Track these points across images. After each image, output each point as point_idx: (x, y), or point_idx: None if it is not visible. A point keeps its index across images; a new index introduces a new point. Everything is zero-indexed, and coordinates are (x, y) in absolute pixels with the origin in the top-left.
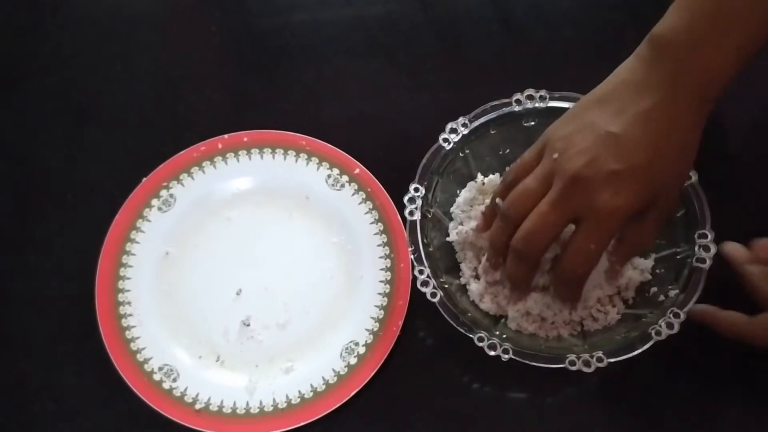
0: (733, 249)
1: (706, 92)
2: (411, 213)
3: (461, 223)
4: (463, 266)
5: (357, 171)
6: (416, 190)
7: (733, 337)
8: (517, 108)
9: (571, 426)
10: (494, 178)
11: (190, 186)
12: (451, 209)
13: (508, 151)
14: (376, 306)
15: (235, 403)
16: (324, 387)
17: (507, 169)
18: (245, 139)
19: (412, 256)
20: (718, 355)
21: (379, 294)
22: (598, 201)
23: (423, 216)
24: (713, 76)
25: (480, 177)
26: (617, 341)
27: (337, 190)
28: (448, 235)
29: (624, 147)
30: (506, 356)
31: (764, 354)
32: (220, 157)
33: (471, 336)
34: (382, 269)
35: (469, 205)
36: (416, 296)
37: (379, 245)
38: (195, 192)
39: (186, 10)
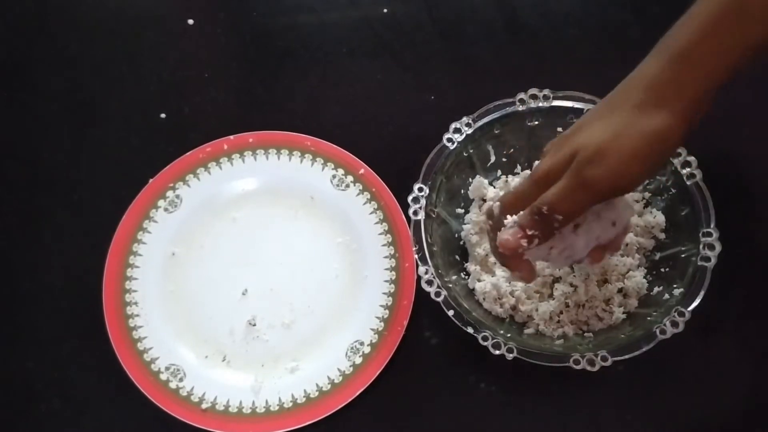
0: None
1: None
2: (415, 213)
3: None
4: (469, 266)
5: (362, 171)
6: (420, 189)
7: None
8: (521, 107)
9: (575, 425)
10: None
11: (196, 187)
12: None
13: (512, 150)
14: (381, 305)
15: (241, 402)
16: (329, 386)
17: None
18: (250, 140)
19: (416, 256)
20: (723, 353)
21: (384, 293)
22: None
23: (427, 215)
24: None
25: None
26: (622, 340)
27: (342, 190)
28: (454, 234)
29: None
30: (510, 355)
31: None
32: (226, 158)
33: (475, 335)
34: (386, 269)
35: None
36: (421, 296)
37: (383, 245)
38: (201, 193)
39: (191, 11)
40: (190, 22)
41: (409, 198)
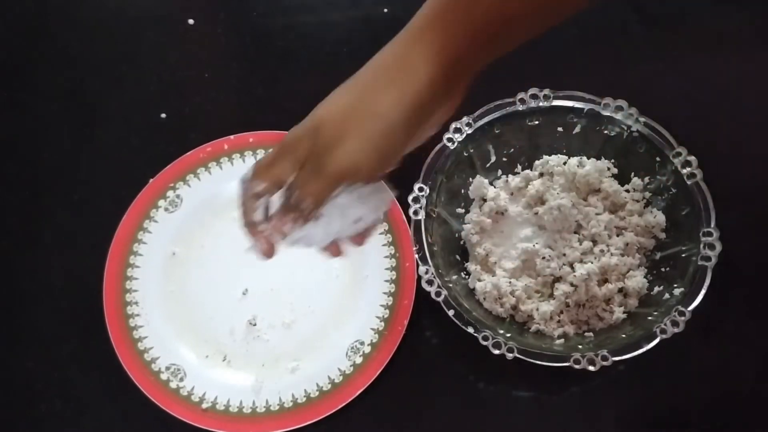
0: None
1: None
2: (415, 212)
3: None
4: (469, 265)
5: None
6: (421, 189)
7: None
8: (521, 107)
9: (575, 425)
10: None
11: (196, 186)
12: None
13: (512, 150)
14: (381, 305)
15: (241, 402)
16: (330, 386)
17: None
18: (251, 140)
19: (416, 256)
20: (723, 353)
21: (385, 293)
22: None
23: (428, 215)
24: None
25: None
26: (622, 340)
27: None
28: (454, 234)
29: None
30: (511, 355)
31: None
32: (226, 158)
33: (476, 335)
34: (387, 269)
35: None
36: (422, 295)
37: (384, 245)
38: (201, 192)
39: (192, 11)
40: (190, 22)
41: (410, 198)
